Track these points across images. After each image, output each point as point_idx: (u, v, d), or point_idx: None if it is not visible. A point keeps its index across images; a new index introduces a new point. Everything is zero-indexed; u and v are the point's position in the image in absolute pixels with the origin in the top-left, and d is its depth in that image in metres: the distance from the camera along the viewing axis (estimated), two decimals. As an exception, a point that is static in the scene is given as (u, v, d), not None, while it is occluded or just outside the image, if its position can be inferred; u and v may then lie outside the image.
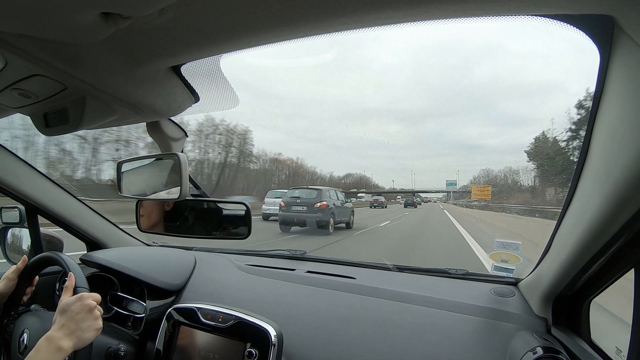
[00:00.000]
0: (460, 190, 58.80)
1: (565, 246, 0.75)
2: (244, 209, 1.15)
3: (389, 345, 0.94)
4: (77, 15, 0.46)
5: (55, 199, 1.42)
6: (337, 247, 7.55)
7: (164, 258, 1.44)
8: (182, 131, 0.99)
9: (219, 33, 0.55)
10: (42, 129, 0.81)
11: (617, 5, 0.42)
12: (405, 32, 1.21)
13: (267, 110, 69.80)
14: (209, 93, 0.82)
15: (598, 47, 0.52)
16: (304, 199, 9.15)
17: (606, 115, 0.55)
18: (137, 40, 0.58)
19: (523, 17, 0.47)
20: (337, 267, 1.39)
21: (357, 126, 52.70)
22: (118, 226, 1.66)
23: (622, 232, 0.57)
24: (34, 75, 0.63)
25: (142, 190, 1.06)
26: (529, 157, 29.78)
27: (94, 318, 0.84)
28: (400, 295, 1.11)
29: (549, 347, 0.81)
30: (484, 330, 0.95)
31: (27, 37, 0.53)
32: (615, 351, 0.77)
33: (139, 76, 0.68)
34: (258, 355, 0.93)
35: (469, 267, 1.33)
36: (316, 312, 1.10)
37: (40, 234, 1.46)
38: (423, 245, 8.06)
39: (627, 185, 0.50)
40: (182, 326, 1.08)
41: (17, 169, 1.31)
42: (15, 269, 1.04)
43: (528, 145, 35.51)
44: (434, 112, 71.80)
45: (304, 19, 0.50)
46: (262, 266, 1.42)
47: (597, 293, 0.81)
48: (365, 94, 75.19)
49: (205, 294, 1.25)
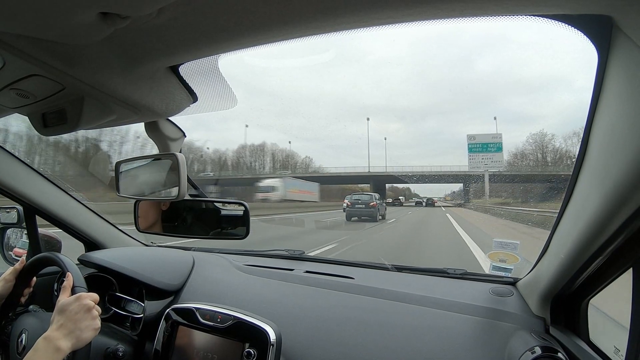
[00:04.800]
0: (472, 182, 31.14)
1: (563, 246, 0.75)
2: (242, 209, 1.15)
3: (387, 345, 0.94)
4: (76, 15, 0.46)
5: (54, 200, 1.42)
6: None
7: (162, 258, 1.43)
8: (181, 131, 0.99)
9: (217, 33, 0.55)
10: (40, 129, 0.80)
11: (615, 5, 0.43)
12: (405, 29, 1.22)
13: (264, 109, 69.87)
14: (208, 93, 0.81)
15: (596, 47, 0.52)
16: (362, 201, 14.69)
17: (604, 115, 0.55)
18: (135, 40, 0.58)
19: (521, 17, 0.47)
20: (336, 267, 1.39)
21: (355, 125, 52.35)
22: (116, 226, 1.66)
23: (620, 231, 0.57)
24: (32, 75, 0.63)
25: (141, 190, 1.06)
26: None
27: (92, 318, 0.83)
28: (399, 295, 1.11)
29: (547, 347, 0.81)
30: (482, 330, 0.95)
31: (25, 37, 0.53)
32: (614, 350, 0.77)
33: (138, 76, 0.68)
34: (257, 356, 0.93)
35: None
36: (315, 312, 1.10)
37: (39, 234, 1.45)
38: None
39: (626, 184, 0.50)
40: (181, 326, 1.07)
41: (15, 170, 1.30)
42: (13, 269, 1.04)
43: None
44: (434, 110, 71.64)
45: (303, 19, 0.50)
46: (260, 266, 1.42)
47: (596, 292, 0.81)
48: (364, 91, 75.04)
49: (204, 294, 1.25)
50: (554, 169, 34.28)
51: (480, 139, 29.82)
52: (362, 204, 14.42)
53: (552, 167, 36.13)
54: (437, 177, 34.68)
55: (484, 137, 30.04)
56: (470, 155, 29.90)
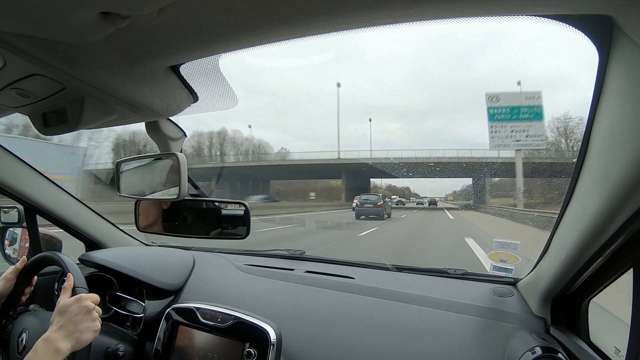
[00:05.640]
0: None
1: (564, 246, 0.75)
2: (242, 208, 1.15)
3: (388, 345, 0.94)
4: (76, 15, 0.46)
5: (54, 199, 1.42)
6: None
7: (162, 258, 1.44)
8: (181, 131, 0.99)
9: (217, 32, 0.55)
10: (41, 128, 0.80)
11: (616, 5, 0.43)
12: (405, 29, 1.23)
13: (264, 108, 69.48)
14: (208, 93, 0.81)
15: (597, 47, 0.52)
16: (371, 200, 15.71)
17: (605, 116, 0.55)
18: (136, 40, 0.58)
19: (521, 17, 0.47)
20: (336, 267, 1.39)
21: (355, 124, 51.85)
22: (117, 226, 1.66)
23: (621, 231, 0.57)
24: (32, 75, 0.63)
25: (141, 190, 1.06)
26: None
27: (92, 319, 0.83)
28: (399, 295, 1.11)
29: (547, 347, 0.81)
30: (482, 330, 0.95)
31: (26, 37, 0.53)
32: (614, 351, 0.77)
33: (138, 76, 0.68)
34: (257, 355, 0.93)
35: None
36: (315, 312, 1.10)
37: (39, 234, 1.45)
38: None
39: (626, 185, 0.50)
40: (181, 326, 1.07)
41: (16, 169, 1.31)
42: (14, 269, 1.04)
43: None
44: (434, 109, 71.25)
45: (303, 19, 0.50)
46: (261, 266, 1.42)
47: (596, 293, 0.81)
48: (364, 90, 74.59)
49: (204, 294, 1.25)
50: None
51: (507, 100, 17.17)
52: (370, 203, 15.53)
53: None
54: (439, 170, 24.25)
55: (513, 97, 17.33)
56: (492, 127, 17.37)
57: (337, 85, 42.76)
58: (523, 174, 16.60)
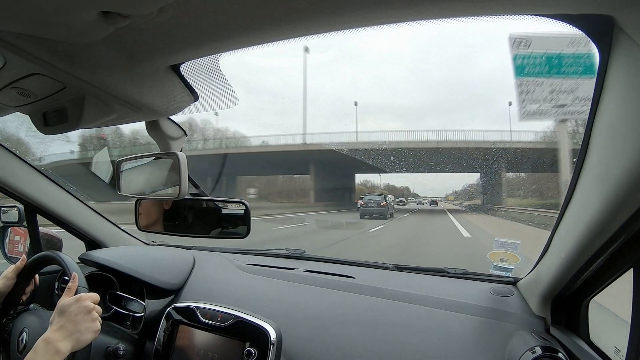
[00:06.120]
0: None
1: (564, 246, 0.75)
2: (243, 208, 1.15)
3: (388, 345, 0.94)
4: (77, 14, 0.46)
5: (54, 198, 1.42)
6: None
7: (163, 257, 1.44)
8: (182, 130, 0.99)
9: (218, 32, 0.55)
10: (41, 128, 0.80)
11: (617, 5, 0.43)
12: (405, 28, 1.21)
13: (264, 108, 69.16)
14: (208, 92, 0.81)
15: (597, 47, 0.52)
16: (375, 201, 16.30)
17: (605, 115, 0.55)
18: (136, 39, 0.58)
19: (522, 17, 0.47)
20: (336, 266, 1.40)
21: (354, 124, 51.35)
22: (117, 225, 1.66)
23: (621, 231, 0.57)
24: (33, 74, 0.63)
25: (141, 189, 1.06)
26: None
27: (92, 320, 0.83)
28: (399, 294, 1.11)
29: (547, 347, 0.81)
30: (482, 329, 0.95)
31: (26, 36, 0.53)
32: (614, 350, 0.77)
33: (138, 75, 0.68)
34: (257, 355, 0.93)
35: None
36: (315, 312, 1.10)
37: (40, 233, 1.46)
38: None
39: (626, 185, 0.50)
40: (181, 325, 1.08)
41: (16, 168, 1.31)
42: (15, 268, 1.04)
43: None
44: (433, 109, 70.87)
45: (304, 18, 0.50)
46: (261, 265, 1.42)
47: (596, 292, 0.81)
48: (363, 89, 74.30)
49: (204, 293, 1.25)
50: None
51: (541, 45, 8.86)
52: (374, 203, 16.34)
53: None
54: (441, 160, 17.63)
55: (550, 41, 8.81)
56: (521, 85, 9.57)
57: (305, 49, 25.62)
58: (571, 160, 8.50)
